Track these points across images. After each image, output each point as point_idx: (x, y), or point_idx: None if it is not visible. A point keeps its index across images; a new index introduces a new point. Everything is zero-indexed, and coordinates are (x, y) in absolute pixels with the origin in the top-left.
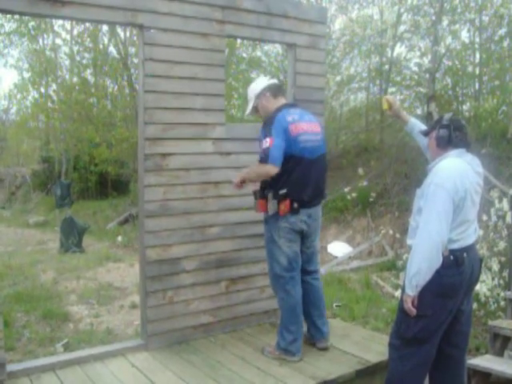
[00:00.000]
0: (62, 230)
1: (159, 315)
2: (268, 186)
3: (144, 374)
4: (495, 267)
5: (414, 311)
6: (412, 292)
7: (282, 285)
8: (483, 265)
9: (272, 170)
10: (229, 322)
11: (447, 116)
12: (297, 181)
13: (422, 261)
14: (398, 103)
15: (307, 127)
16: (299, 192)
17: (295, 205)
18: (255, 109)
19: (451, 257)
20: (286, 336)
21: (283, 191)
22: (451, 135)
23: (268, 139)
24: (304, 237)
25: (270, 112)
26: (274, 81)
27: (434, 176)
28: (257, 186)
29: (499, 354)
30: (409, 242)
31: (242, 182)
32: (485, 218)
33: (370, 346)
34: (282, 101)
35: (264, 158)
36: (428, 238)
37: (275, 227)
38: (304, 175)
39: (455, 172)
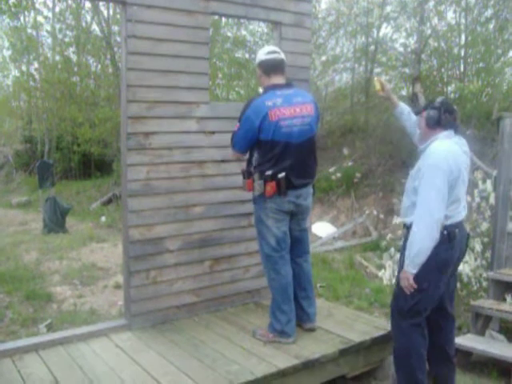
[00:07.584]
0: (45, 210)
1: (143, 295)
2: (254, 167)
3: (127, 353)
4: (478, 248)
5: (415, 287)
6: (415, 270)
7: (271, 264)
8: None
9: (235, 154)
10: (212, 301)
11: (439, 99)
12: (283, 164)
13: (424, 239)
14: (389, 86)
15: (290, 112)
16: (285, 175)
17: (282, 187)
18: None
19: (445, 232)
20: (280, 317)
21: (269, 173)
22: (441, 116)
23: (238, 123)
24: (293, 216)
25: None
26: (272, 56)
27: (429, 158)
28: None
29: (481, 333)
30: (402, 219)
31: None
32: (468, 199)
33: (354, 325)
34: (275, 80)
35: (231, 141)
36: (429, 216)
37: (263, 207)
38: (290, 158)
39: (448, 153)
